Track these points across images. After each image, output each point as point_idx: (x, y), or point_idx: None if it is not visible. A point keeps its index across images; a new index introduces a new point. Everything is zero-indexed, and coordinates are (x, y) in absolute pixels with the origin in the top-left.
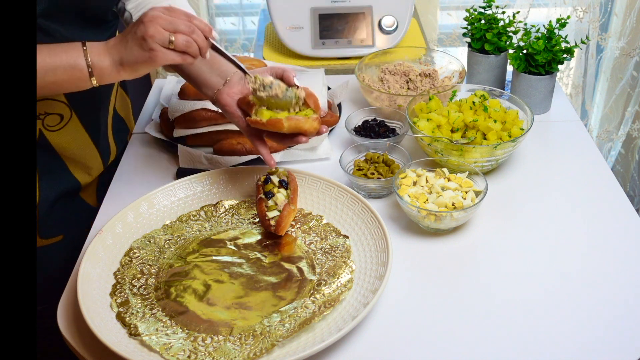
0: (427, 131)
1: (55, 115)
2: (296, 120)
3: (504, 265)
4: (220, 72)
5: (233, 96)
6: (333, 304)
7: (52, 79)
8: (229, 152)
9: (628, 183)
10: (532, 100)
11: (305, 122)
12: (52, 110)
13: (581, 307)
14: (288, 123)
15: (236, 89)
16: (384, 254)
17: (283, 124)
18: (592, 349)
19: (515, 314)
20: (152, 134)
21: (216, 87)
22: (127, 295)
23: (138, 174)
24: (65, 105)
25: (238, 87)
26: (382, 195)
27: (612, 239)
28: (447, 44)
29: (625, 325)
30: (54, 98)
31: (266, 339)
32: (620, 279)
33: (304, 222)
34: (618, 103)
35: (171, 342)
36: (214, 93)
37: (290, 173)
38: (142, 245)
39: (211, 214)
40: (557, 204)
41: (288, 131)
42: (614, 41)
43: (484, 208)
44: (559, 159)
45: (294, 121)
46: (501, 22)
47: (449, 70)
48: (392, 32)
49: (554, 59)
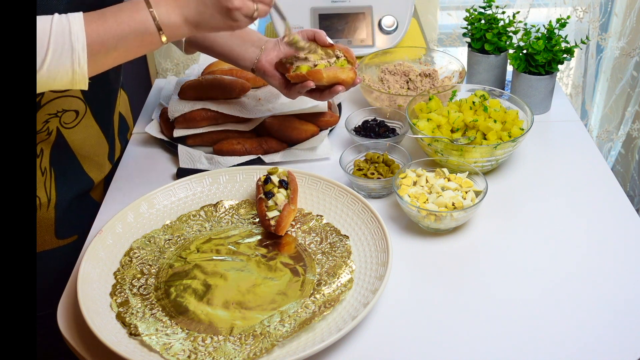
0: (427, 131)
1: (72, 112)
2: (334, 70)
3: (504, 265)
4: (254, 42)
5: (271, 62)
6: (333, 304)
7: (124, 47)
8: (229, 152)
9: (628, 183)
10: (532, 100)
11: (343, 71)
12: (69, 107)
13: (581, 306)
14: (327, 73)
15: (273, 54)
16: (384, 254)
17: (322, 74)
18: (592, 349)
19: (515, 314)
20: (152, 134)
21: (254, 58)
22: (127, 295)
23: (138, 174)
24: (81, 101)
25: (274, 53)
26: (382, 195)
27: (612, 239)
28: (447, 44)
29: (625, 325)
30: (70, 94)
31: (266, 339)
32: (620, 279)
33: (304, 222)
34: (618, 103)
35: (171, 342)
36: (254, 63)
37: (290, 173)
38: (142, 245)
39: (211, 214)
40: (557, 204)
41: (327, 81)
42: (614, 41)
43: (484, 208)
44: (559, 159)
45: (332, 71)
46: (501, 22)
47: (449, 70)
48: (392, 32)
49: (554, 59)
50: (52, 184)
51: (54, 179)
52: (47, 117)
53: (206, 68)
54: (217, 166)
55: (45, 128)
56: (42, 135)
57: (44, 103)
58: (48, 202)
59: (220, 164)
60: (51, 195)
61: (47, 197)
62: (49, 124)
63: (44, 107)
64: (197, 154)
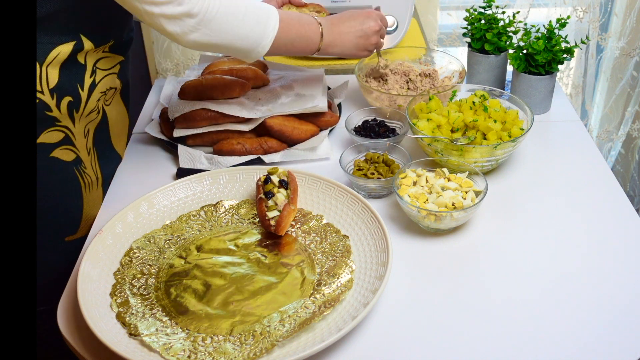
0: (427, 131)
1: (112, 89)
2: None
3: (504, 265)
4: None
5: None
6: (333, 304)
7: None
8: (229, 152)
9: (628, 183)
10: (532, 100)
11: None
12: (113, 84)
13: (581, 307)
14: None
15: None
16: (384, 254)
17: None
18: (592, 349)
19: (515, 314)
20: (152, 134)
21: None
22: (127, 295)
23: (138, 174)
24: (117, 78)
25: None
26: (382, 195)
27: (612, 239)
28: (447, 44)
29: (625, 325)
30: (114, 72)
31: (266, 339)
32: (620, 279)
33: (304, 222)
34: (618, 103)
35: (171, 342)
36: None
37: (290, 173)
38: (142, 245)
39: (211, 214)
40: (557, 204)
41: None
42: (614, 41)
43: (484, 208)
44: (559, 159)
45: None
46: (501, 22)
47: (449, 70)
48: (392, 32)
49: (554, 59)
50: (96, 162)
51: (97, 157)
52: (99, 96)
53: (206, 68)
54: (217, 166)
55: (96, 107)
56: (93, 114)
57: (97, 82)
58: (97, 179)
59: (220, 164)
60: (98, 173)
61: (96, 175)
62: (99, 102)
63: (98, 86)
64: (197, 154)
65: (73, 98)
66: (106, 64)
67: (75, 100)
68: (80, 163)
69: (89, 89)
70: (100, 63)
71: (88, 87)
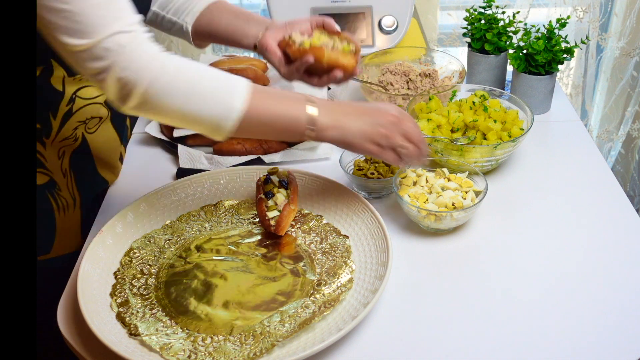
0: (427, 131)
1: (96, 118)
2: (336, 53)
3: (504, 265)
4: (258, 21)
5: (275, 38)
6: (333, 304)
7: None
8: (229, 152)
9: (628, 183)
10: (532, 100)
11: (344, 56)
12: (97, 113)
13: (581, 307)
14: (328, 52)
15: (279, 34)
16: (384, 254)
17: (324, 52)
18: (592, 349)
19: (515, 314)
20: (152, 134)
21: (258, 34)
22: (127, 295)
23: (138, 173)
24: (103, 106)
25: (280, 33)
26: (382, 195)
27: (612, 239)
28: (447, 44)
29: (625, 325)
30: (98, 102)
31: (266, 339)
32: (620, 279)
33: (304, 222)
34: (618, 103)
35: (171, 342)
36: (257, 39)
37: (290, 173)
38: (142, 245)
39: (211, 214)
40: (557, 204)
41: (327, 61)
42: (614, 41)
43: (484, 208)
44: (559, 159)
45: (334, 53)
46: (501, 22)
47: (449, 70)
48: (392, 32)
49: (554, 59)
50: (73, 185)
51: (74, 180)
52: (77, 125)
53: None
54: (217, 166)
55: (73, 135)
56: (69, 141)
57: (75, 111)
58: (74, 202)
59: (220, 164)
60: (75, 196)
61: (72, 198)
62: (76, 131)
63: (75, 115)
64: (197, 154)
65: (41, 125)
66: (88, 93)
67: (44, 127)
68: (54, 186)
69: (63, 118)
70: (81, 92)
71: (62, 115)
